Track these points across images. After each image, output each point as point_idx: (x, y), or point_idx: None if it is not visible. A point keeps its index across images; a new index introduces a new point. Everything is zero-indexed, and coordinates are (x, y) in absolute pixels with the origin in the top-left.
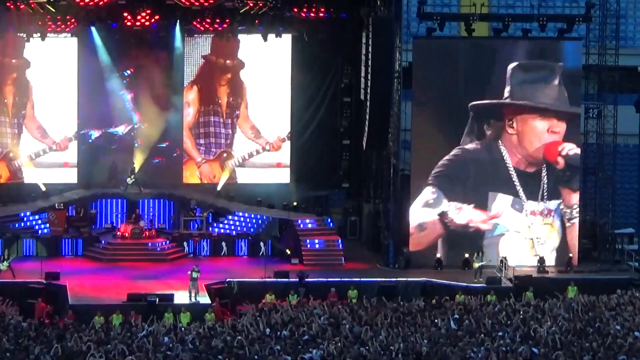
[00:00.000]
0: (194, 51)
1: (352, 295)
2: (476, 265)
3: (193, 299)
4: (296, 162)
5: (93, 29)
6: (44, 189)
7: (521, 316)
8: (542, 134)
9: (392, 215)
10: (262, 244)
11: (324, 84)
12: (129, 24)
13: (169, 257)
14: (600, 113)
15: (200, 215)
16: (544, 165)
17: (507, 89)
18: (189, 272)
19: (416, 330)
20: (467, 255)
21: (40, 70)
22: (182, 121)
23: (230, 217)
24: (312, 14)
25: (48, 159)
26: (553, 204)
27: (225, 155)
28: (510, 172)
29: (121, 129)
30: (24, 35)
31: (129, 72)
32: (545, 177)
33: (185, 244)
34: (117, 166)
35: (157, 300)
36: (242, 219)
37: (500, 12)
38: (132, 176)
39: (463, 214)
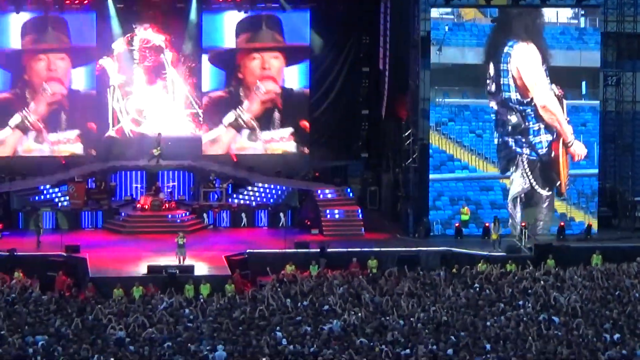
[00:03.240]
0: (210, 24)
1: (372, 265)
2: (495, 236)
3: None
4: (315, 132)
5: (109, 1)
6: (63, 161)
7: (541, 285)
8: None
9: (411, 185)
10: (281, 214)
11: (342, 53)
12: None
13: (189, 229)
14: (619, 80)
15: (219, 186)
16: None
17: None
18: (176, 240)
19: (436, 300)
20: (487, 223)
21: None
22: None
23: (249, 188)
24: None
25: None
26: None
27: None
28: None
29: None
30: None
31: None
32: None
33: (205, 215)
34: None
35: (178, 272)
36: (261, 189)
37: None
38: (159, 147)
39: None
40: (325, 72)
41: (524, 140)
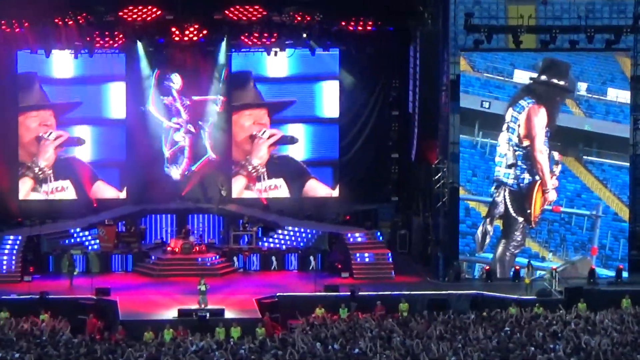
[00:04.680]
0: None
1: (402, 309)
2: (527, 281)
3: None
4: (345, 176)
5: (139, 43)
6: (94, 204)
7: (572, 328)
8: None
9: (441, 228)
10: (312, 258)
11: (372, 97)
12: (176, 39)
13: (219, 272)
14: None
15: (250, 230)
16: None
17: None
18: (197, 286)
19: (467, 343)
20: (517, 267)
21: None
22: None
23: (279, 231)
24: (359, 28)
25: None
26: None
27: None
28: None
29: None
30: (72, 51)
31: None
32: None
33: (235, 258)
34: (204, 181)
35: (208, 315)
36: (291, 233)
37: (548, 24)
38: (224, 188)
39: None
40: (355, 116)
41: (511, 173)
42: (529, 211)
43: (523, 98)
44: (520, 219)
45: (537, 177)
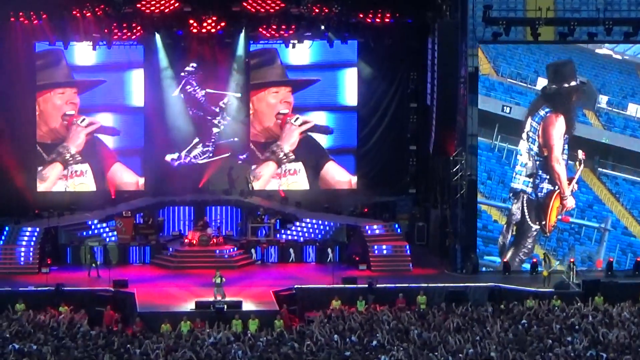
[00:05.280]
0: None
1: (420, 301)
2: (545, 273)
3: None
4: (363, 167)
5: (157, 35)
6: (113, 196)
7: (589, 321)
8: None
9: (459, 221)
10: (329, 250)
11: (390, 89)
12: (194, 30)
13: (236, 264)
14: None
15: (268, 222)
16: None
17: None
18: (213, 279)
19: (485, 336)
20: (534, 259)
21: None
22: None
23: (297, 223)
24: (377, 20)
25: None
26: None
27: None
28: None
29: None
30: (90, 43)
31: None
32: None
33: (252, 250)
34: (232, 172)
35: (225, 307)
36: (309, 225)
37: (566, 16)
38: (253, 178)
39: None
40: (374, 107)
41: (530, 182)
42: (544, 221)
43: (541, 107)
44: (535, 227)
45: (555, 187)
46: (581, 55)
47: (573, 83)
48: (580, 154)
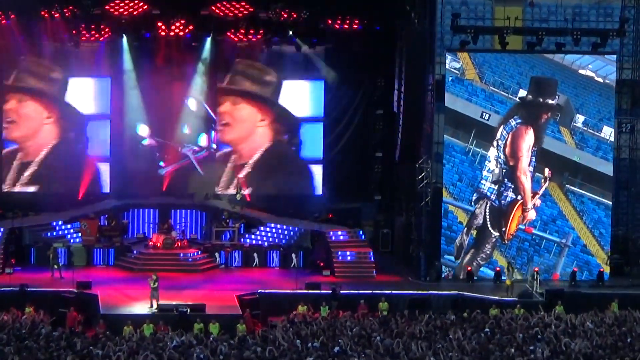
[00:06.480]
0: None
1: (382, 308)
2: (509, 282)
3: (154, 309)
4: (329, 173)
5: (124, 37)
6: (79, 197)
7: (552, 330)
8: None
9: (424, 228)
10: (293, 255)
11: (357, 96)
12: (162, 33)
13: (200, 268)
14: (633, 128)
15: (232, 226)
16: None
17: None
18: (149, 282)
19: (447, 344)
20: (497, 268)
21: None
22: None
23: (262, 228)
24: (345, 26)
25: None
26: None
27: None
28: None
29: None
30: (58, 44)
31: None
32: None
33: (216, 254)
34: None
35: (189, 310)
36: (273, 230)
37: (534, 26)
38: (241, 190)
39: None
40: (340, 114)
41: (495, 189)
42: (504, 228)
43: (513, 117)
44: (495, 234)
45: (519, 197)
46: (564, 72)
47: (549, 101)
48: (547, 171)
